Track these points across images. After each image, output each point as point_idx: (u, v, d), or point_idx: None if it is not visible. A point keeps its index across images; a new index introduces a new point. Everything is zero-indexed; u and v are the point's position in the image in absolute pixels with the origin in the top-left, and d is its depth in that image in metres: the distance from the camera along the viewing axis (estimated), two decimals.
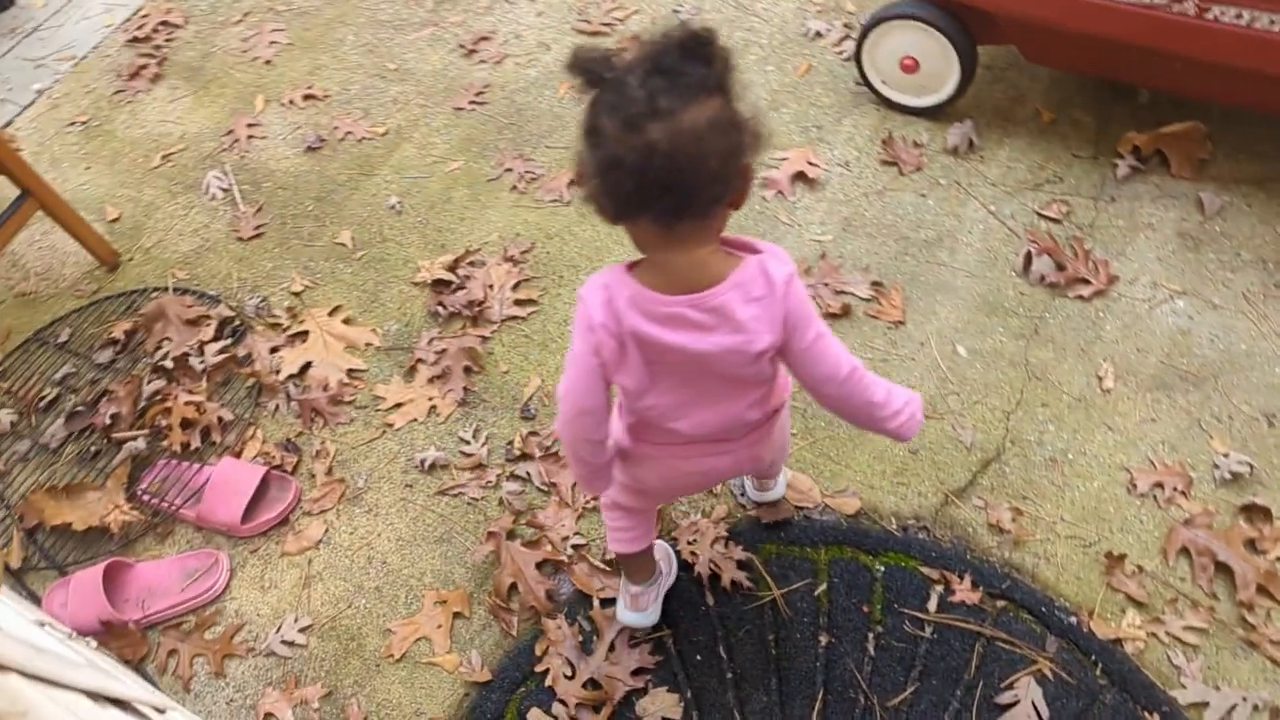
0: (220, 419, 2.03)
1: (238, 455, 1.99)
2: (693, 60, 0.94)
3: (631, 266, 1.10)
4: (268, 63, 2.78)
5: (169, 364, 2.11)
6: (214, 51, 2.86)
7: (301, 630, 1.75)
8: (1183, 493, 1.72)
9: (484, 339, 2.09)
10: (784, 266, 1.08)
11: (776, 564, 1.72)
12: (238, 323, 2.21)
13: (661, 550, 1.69)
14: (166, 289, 2.29)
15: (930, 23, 2.11)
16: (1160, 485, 1.73)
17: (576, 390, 1.16)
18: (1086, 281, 1.98)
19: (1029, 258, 2.01)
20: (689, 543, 1.72)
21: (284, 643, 1.74)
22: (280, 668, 1.71)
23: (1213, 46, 1.82)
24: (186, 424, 2.01)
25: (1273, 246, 2.00)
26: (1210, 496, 1.71)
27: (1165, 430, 1.79)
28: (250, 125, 2.61)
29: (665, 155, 0.93)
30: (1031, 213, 2.11)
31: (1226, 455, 1.74)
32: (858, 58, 2.30)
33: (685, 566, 1.71)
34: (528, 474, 1.87)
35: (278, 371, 2.09)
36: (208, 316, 2.20)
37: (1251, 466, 1.72)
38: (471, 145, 2.48)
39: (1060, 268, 2.00)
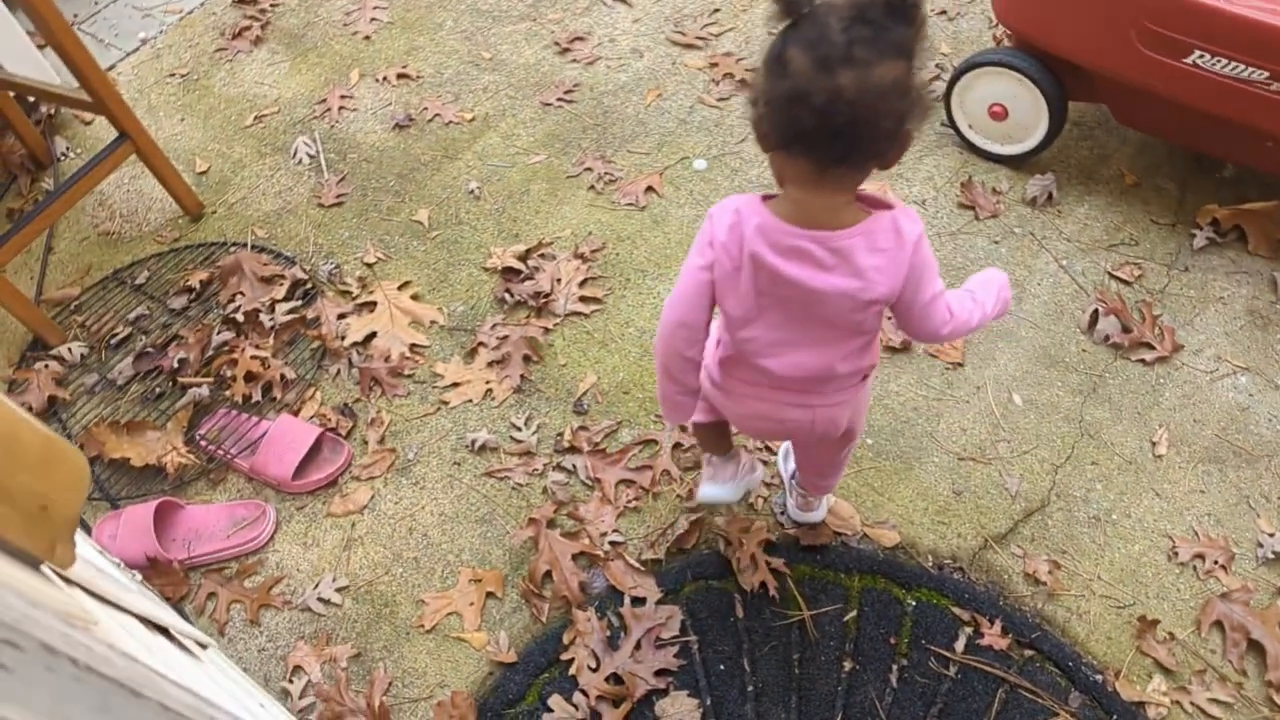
0: (283, 376, 2.09)
1: (295, 414, 2.04)
2: (896, 19, 0.96)
3: (766, 198, 1.14)
4: (367, 38, 2.86)
5: (239, 317, 2.18)
6: (316, 22, 2.94)
7: (338, 590, 1.79)
8: (1223, 567, 1.71)
9: (546, 330, 2.13)
10: (915, 225, 1.11)
11: (809, 586, 1.74)
12: (309, 286, 2.27)
13: (746, 455, 1.72)
14: (245, 245, 2.37)
15: (1024, 73, 2.12)
16: (1201, 556, 1.72)
17: (683, 302, 1.20)
18: (1151, 346, 1.97)
19: (1095, 316, 2.01)
20: (727, 544, 1.75)
21: (320, 600, 1.79)
22: (313, 623, 1.76)
23: None
24: (250, 377, 2.08)
25: None
26: (1251, 574, 1.70)
27: (1213, 503, 1.78)
28: (343, 97, 2.68)
29: (848, 103, 0.96)
30: (1103, 272, 2.11)
31: (1272, 535, 1.72)
32: (947, 99, 2.32)
33: (725, 567, 1.73)
34: (574, 467, 1.91)
35: (343, 337, 2.15)
36: (282, 276, 2.27)
37: None
38: (555, 141, 2.53)
39: (1126, 330, 1.99)
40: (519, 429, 1.98)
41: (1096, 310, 2.02)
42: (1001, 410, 1.93)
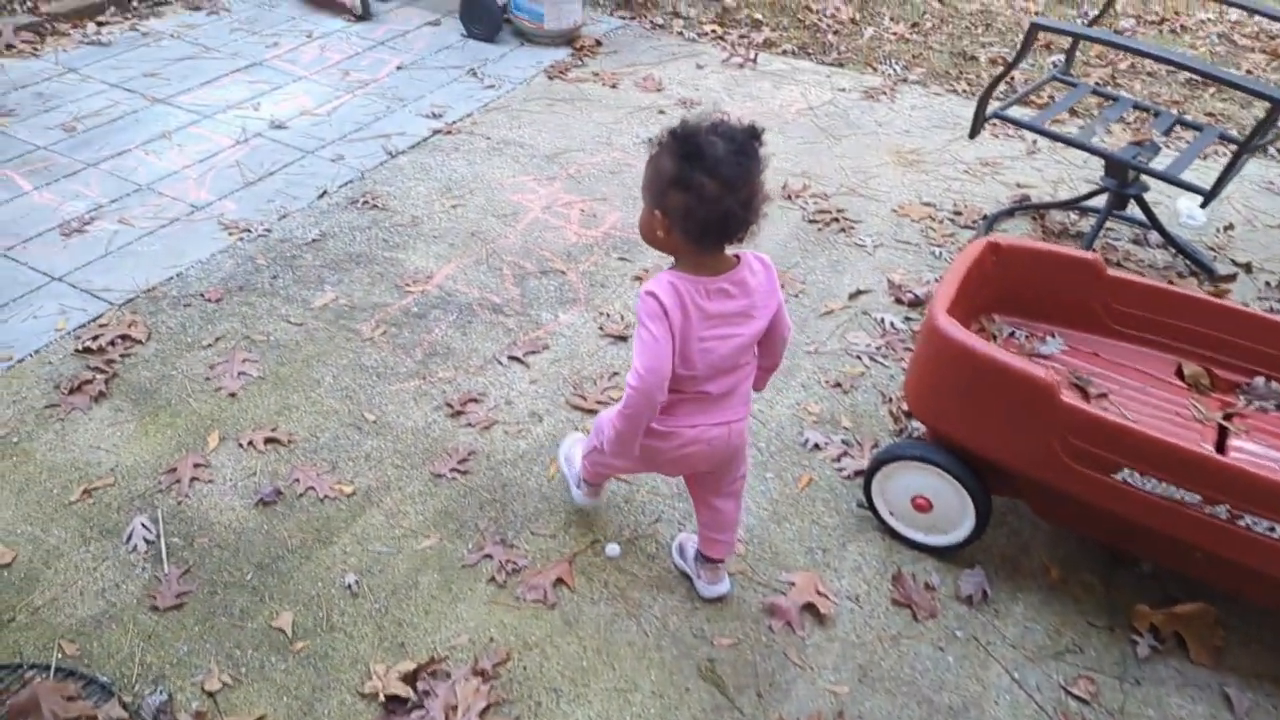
0: None
1: None
2: (757, 143, 1.51)
3: (674, 268, 1.62)
4: (232, 395, 2.56)
5: None
6: (173, 374, 2.62)
7: None
8: None
9: None
10: (765, 257, 1.67)
11: None
12: None
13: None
14: (48, 667, 1.86)
15: (945, 468, 2.09)
16: None
17: (663, 364, 1.58)
18: None
19: None
20: None
21: None
22: None
23: (1239, 548, 1.82)
24: None
25: None
26: None
27: None
28: (197, 465, 2.32)
29: (751, 206, 1.53)
30: (1058, 687, 1.96)
31: None
32: (867, 486, 2.25)
33: None
34: None
35: None
36: (93, 717, 1.76)
37: None
38: (448, 520, 2.25)
39: None
40: None
41: None
42: None
